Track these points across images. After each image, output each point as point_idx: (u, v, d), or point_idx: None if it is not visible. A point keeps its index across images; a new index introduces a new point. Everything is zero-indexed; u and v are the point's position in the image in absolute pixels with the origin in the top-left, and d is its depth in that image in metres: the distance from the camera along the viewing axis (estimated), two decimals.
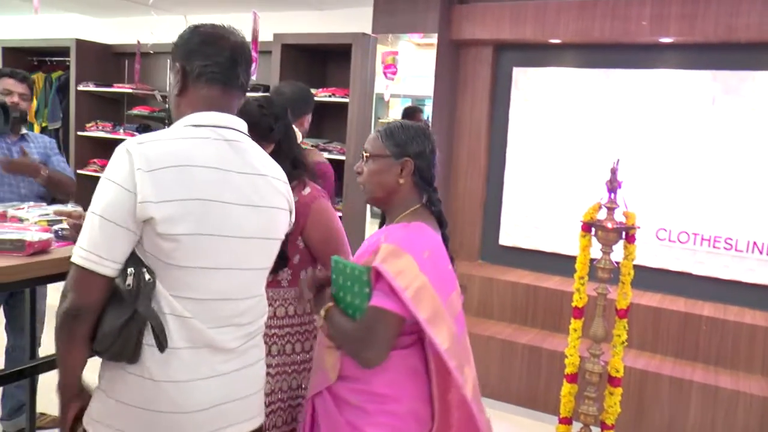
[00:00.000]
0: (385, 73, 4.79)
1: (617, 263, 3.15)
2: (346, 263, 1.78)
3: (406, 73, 5.04)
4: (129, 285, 1.42)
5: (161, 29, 6.03)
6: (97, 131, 6.06)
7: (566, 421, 3.30)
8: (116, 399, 1.47)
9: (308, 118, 3.15)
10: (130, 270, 1.42)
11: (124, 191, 1.38)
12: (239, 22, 4.14)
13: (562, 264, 4.50)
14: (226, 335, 1.53)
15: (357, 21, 4.98)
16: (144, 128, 5.93)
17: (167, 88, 5.38)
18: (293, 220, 1.73)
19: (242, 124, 1.60)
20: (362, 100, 4.58)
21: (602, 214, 3.16)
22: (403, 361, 1.77)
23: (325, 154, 4.23)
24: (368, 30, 4.72)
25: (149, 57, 6.05)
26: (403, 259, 1.69)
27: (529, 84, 4.65)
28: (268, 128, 2.12)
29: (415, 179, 1.89)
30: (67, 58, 6.24)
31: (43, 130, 6.30)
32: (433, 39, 4.54)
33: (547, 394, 3.96)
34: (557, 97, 4.55)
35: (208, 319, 1.49)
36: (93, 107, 6.22)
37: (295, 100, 3.01)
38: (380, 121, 4.90)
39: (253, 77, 4.14)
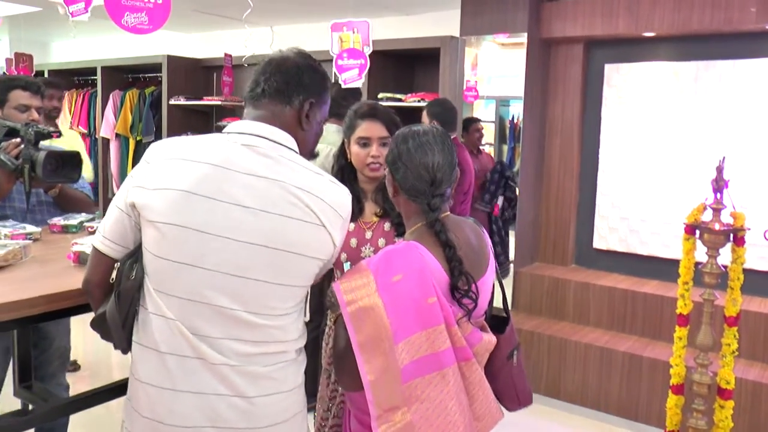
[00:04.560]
0: (473, 76, 4.73)
1: (724, 267, 2.96)
2: None
3: (491, 73, 4.95)
4: (112, 279, 1.54)
5: (248, 41, 6.15)
6: None
7: None
8: (126, 397, 1.57)
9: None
10: (117, 264, 1.53)
11: (130, 179, 1.50)
12: (322, 33, 4.15)
13: (659, 268, 4.30)
14: (215, 347, 1.44)
15: (443, 24, 4.93)
16: None
17: None
18: (336, 241, 1.53)
19: (271, 131, 1.51)
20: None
21: (707, 216, 2.98)
22: None
23: None
24: (455, 32, 4.66)
25: (239, 69, 6.17)
26: (363, 277, 1.57)
27: (622, 81, 4.46)
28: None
29: (402, 192, 1.73)
30: (159, 74, 6.47)
31: (138, 144, 6.54)
32: (519, 38, 4.44)
33: (649, 405, 3.77)
34: (652, 92, 4.35)
35: (190, 324, 1.43)
36: (183, 120, 6.43)
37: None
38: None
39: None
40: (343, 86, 3.82)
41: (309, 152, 1.63)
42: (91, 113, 7.07)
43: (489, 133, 5.62)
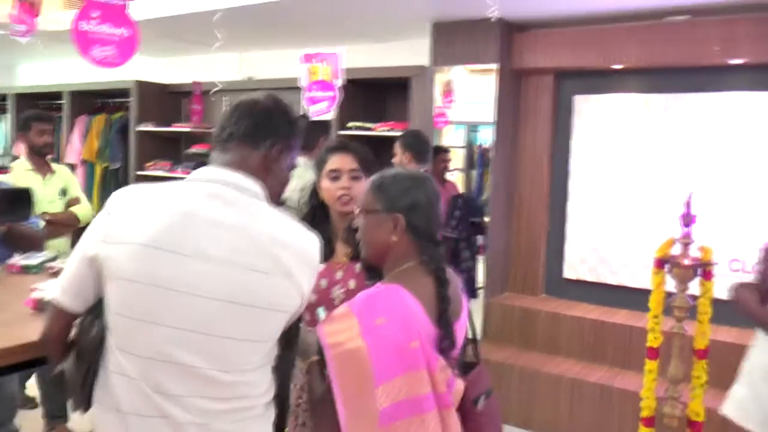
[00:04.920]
0: (444, 102, 4.74)
1: (693, 299, 2.98)
2: None
3: (461, 99, 4.96)
4: (71, 338, 1.48)
5: (216, 67, 6.10)
6: (156, 170, 6.14)
7: None
8: None
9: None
10: (77, 321, 1.47)
11: (91, 231, 1.44)
12: (292, 59, 4.13)
13: (629, 297, 4.33)
14: (180, 406, 1.38)
15: (414, 52, 4.91)
16: (202, 166, 5.98)
17: None
18: (305, 291, 1.49)
19: (238, 178, 1.45)
20: None
21: (676, 250, 3.00)
22: None
23: None
24: (425, 61, 4.66)
25: (208, 95, 6.11)
26: (347, 320, 1.56)
27: (591, 111, 4.51)
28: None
29: (410, 235, 1.71)
30: (127, 99, 6.37)
31: (105, 171, 6.43)
32: (489, 65, 4.46)
33: None
34: (621, 124, 4.40)
35: (154, 382, 1.37)
36: (152, 147, 6.34)
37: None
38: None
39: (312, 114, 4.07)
40: (310, 118, 3.80)
41: (276, 198, 1.57)
42: (56, 139, 6.94)
43: (458, 159, 5.63)
